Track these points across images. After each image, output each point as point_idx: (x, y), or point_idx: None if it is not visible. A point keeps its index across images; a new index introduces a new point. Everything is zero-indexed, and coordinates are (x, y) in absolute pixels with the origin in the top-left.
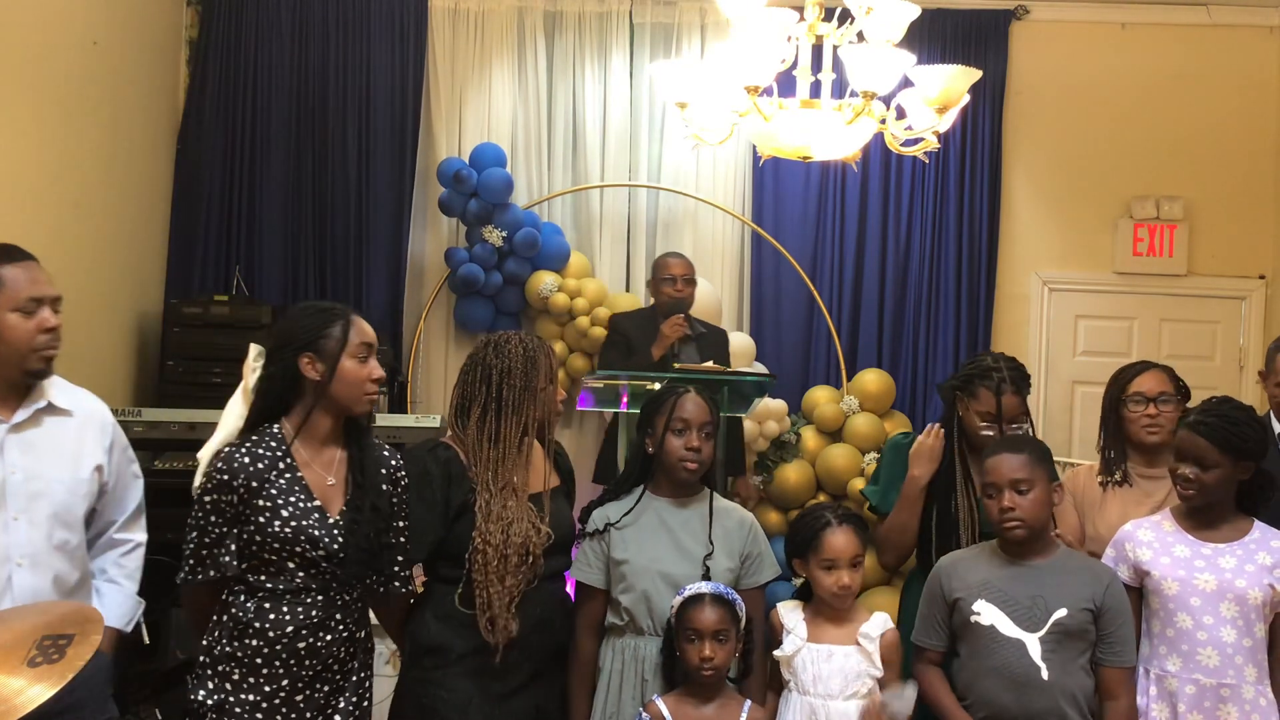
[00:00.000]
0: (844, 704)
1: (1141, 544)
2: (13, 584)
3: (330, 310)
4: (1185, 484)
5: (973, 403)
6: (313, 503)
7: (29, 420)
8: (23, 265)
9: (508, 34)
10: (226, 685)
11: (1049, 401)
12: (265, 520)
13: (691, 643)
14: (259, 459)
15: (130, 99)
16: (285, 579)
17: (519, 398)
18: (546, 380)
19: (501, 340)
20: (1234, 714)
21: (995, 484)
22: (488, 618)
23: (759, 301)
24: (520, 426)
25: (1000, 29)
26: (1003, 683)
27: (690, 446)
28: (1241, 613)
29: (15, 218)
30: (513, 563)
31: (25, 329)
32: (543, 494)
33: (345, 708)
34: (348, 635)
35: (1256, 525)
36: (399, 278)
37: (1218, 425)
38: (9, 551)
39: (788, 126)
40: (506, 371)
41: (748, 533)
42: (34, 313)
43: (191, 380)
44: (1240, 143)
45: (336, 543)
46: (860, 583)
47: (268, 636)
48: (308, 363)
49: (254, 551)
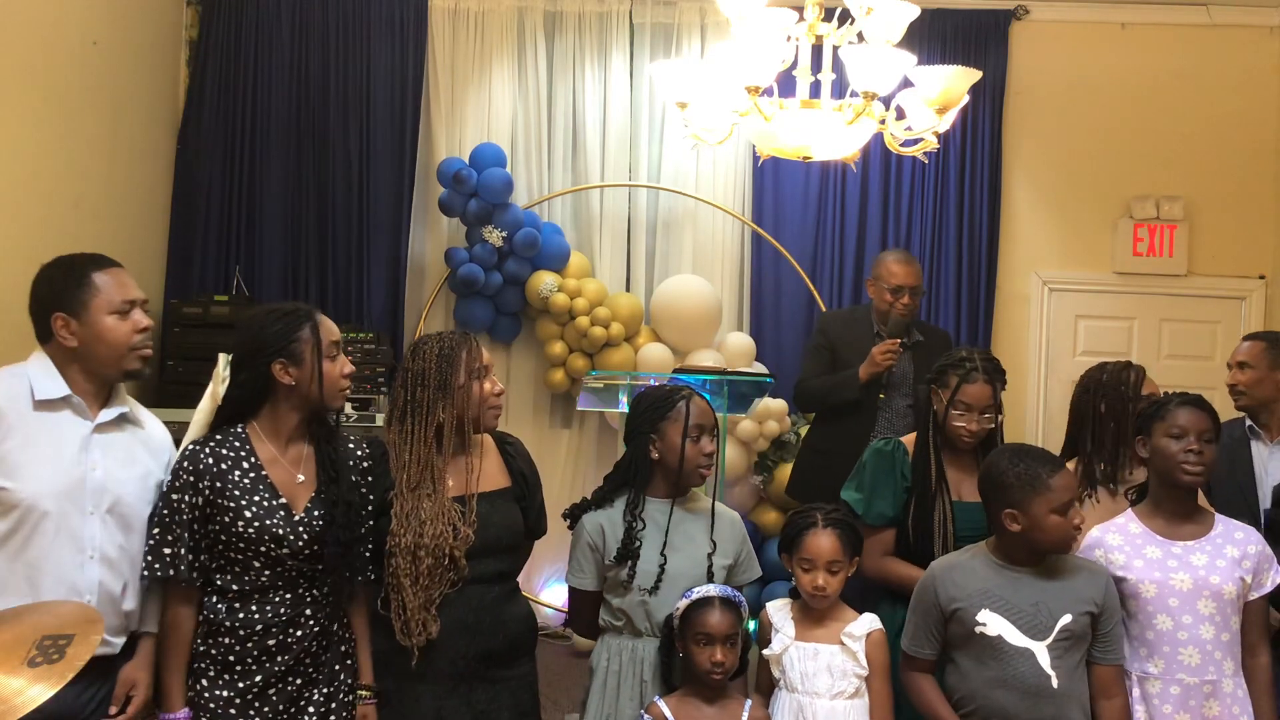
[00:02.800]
0: (830, 703)
1: (1113, 548)
2: (85, 573)
3: (294, 313)
4: (1195, 459)
5: (944, 392)
6: (278, 500)
7: (112, 423)
8: (111, 271)
9: (508, 34)
10: (201, 682)
11: (1049, 401)
12: (230, 519)
13: (702, 646)
14: (223, 459)
15: (130, 99)
16: (251, 577)
17: (432, 398)
18: (468, 376)
19: (420, 343)
20: (1217, 709)
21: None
22: (401, 621)
23: (759, 301)
24: (433, 427)
25: (1000, 29)
26: (1015, 694)
27: (706, 452)
28: (1219, 608)
29: (15, 218)
30: (425, 565)
31: (123, 330)
32: (469, 495)
33: (318, 699)
34: (319, 630)
35: (1218, 519)
36: (399, 278)
37: (1206, 403)
38: (84, 543)
39: (788, 126)
40: (419, 374)
41: (739, 533)
42: (128, 314)
43: (191, 380)
44: (1240, 143)
45: (301, 540)
46: (839, 587)
47: (238, 635)
48: (280, 368)
49: (220, 551)
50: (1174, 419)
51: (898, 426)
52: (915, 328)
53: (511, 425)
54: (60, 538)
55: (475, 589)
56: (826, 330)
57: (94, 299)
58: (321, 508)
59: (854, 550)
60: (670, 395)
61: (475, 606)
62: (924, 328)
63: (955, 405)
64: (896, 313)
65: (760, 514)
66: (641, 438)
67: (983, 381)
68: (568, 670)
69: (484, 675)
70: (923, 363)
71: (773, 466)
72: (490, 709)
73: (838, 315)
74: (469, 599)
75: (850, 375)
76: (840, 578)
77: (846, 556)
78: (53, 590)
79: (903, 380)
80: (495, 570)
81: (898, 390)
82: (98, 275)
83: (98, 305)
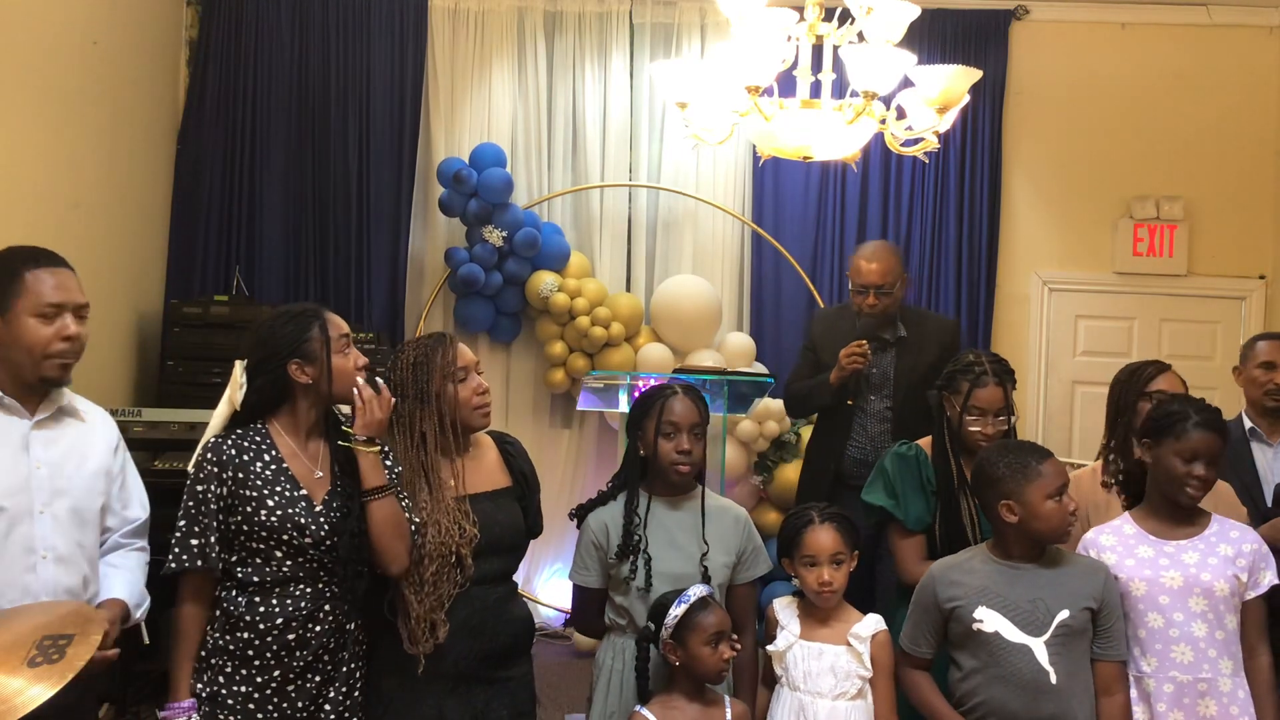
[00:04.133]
0: (833, 703)
1: (1105, 549)
2: (38, 574)
3: (303, 313)
4: (1201, 485)
5: (956, 399)
6: (299, 491)
7: (50, 418)
8: (50, 270)
9: (508, 34)
10: (220, 678)
11: (1049, 401)
12: (252, 509)
13: (710, 646)
14: (245, 450)
15: (130, 99)
16: (273, 568)
17: (411, 409)
18: (444, 379)
19: (397, 352)
20: (1213, 707)
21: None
22: (408, 629)
23: (759, 301)
24: (418, 435)
25: (1000, 29)
26: (1013, 690)
27: (681, 450)
28: (1211, 606)
29: (15, 218)
30: (430, 571)
31: (42, 334)
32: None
33: (336, 698)
34: (337, 626)
35: (1214, 518)
36: (399, 278)
37: (1219, 423)
38: (35, 543)
39: (788, 126)
40: (398, 385)
41: (743, 529)
42: (54, 318)
43: (191, 380)
44: (1240, 143)
45: (324, 530)
46: (845, 581)
47: (258, 629)
48: (296, 368)
49: (241, 541)
50: (1188, 441)
51: (873, 431)
52: (901, 321)
53: (511, 425)
54: (9, 540)
55: (479, 590)
56: (811, 330)
57: (19, 298)
58: (339, 499)
59: (853, 544)
60: (653, 394)
61: (478, 607)
62: (916, 317)
63: (969, 411)
64: (864, 312)
65: (760, 514)
66: (631, 436)
67: (994, 385)
68: (568, 670)
69: (484, 676)
70: (909, 358)
71: (773, 467)
72: (489, 709)
73: (823, 315)
74: (473, 600)
75: (824, 379)
76: (844, 571)
77: (848, 549)
78: (4, 594)
79: (883, 381)
80: (499, 570)
81: (878, 392)
82: (30, 273)
83: (22, 305)
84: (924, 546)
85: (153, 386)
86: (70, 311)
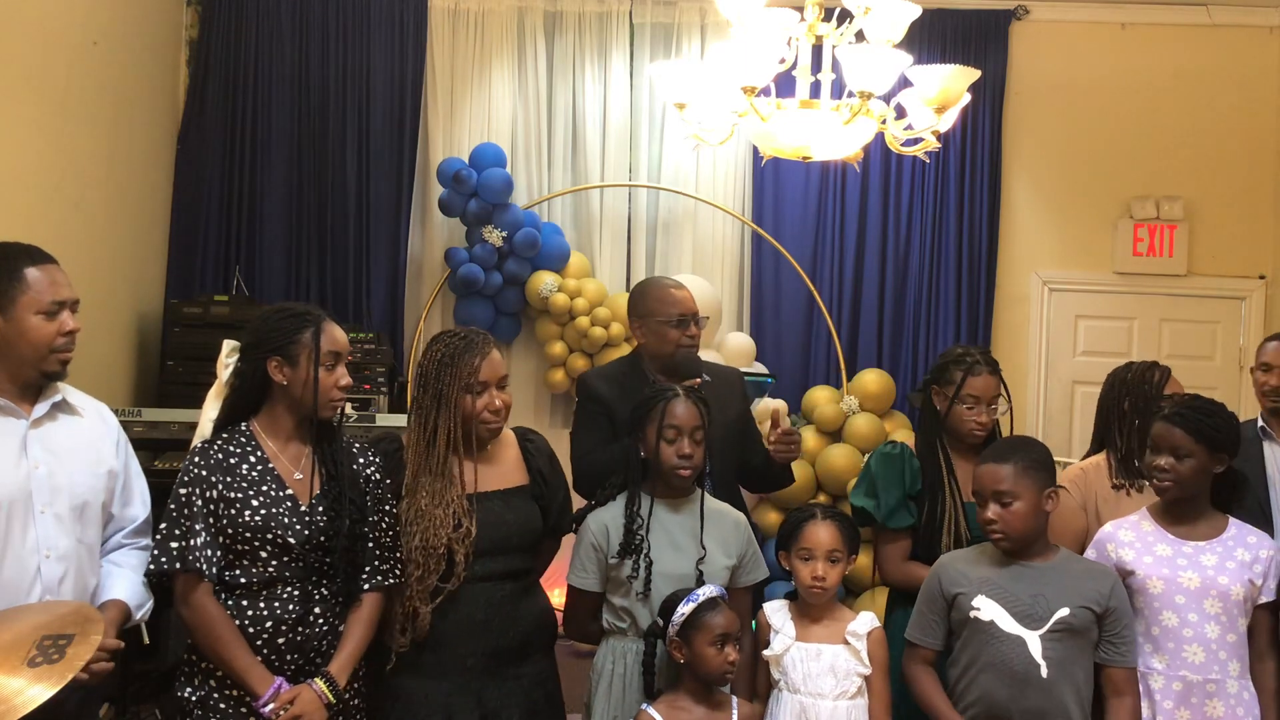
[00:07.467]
0: (834, 703)
1: (1123, 544)
2: (41, 574)
3: (304, 315)
4: (1161, 475)
5: (947, 389)
6: (285, 491)
7: (46, 416)
8: (45, 268)
9: (508, 34)
10: (210, 681)
11: (1049, 401)
12: (237, 511)
13: (716, 647)
14: (231, 454)
15: (130, 99)
16: (259, 569)
17: (429, 404)
18: (460, 390)
19: (434, 340)
20: (1220, 709)
21: (979, 493)
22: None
23: (759, 301)
24: (430, 431)
25: (1000, 29)
26: (1000, 678)
27: (682, 454)
28: (1225, 609)
29: (15, 218)
30: (412, 574)
31: (47, 331)
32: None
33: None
34: (328, 629)
35: (1232, 523)
36: (399, 278)
37: (1191, 416)
38: (38, 543)
39: (787, 127)
40: (422, 375)
41: (743, 534)
42: (56, 315)
43: (191, 380)
44: (1240, 143)
45: (308, 530)
46: (838, 580)
47: (248, 632)
48: (275, 366)
49: (227, 544)
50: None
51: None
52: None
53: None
54: (10, 540)
55: (483, 587)
56: (594, 394)
57: (23, 296)
58: (324, 503)
59: (852, 545)
60: (654, 395)
61: (485, 604)
62: (709, 368)
63: (963, 400)
64: (681, 347)
65: (760, 514)
66: (630, 437)
67: (988, 373)
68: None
69: (495, 673)
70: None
71: None
72: (500, 707)
73: (602, 374)
74: (477, 596)
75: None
76: (839, 569)
77: (845, 549)
78: (6, 594)
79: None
80: (506, 568)
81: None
82: (30, 271)
83: (25, 303)
84: (907, 548)
85: (153, 386)
86: (68, 307)
